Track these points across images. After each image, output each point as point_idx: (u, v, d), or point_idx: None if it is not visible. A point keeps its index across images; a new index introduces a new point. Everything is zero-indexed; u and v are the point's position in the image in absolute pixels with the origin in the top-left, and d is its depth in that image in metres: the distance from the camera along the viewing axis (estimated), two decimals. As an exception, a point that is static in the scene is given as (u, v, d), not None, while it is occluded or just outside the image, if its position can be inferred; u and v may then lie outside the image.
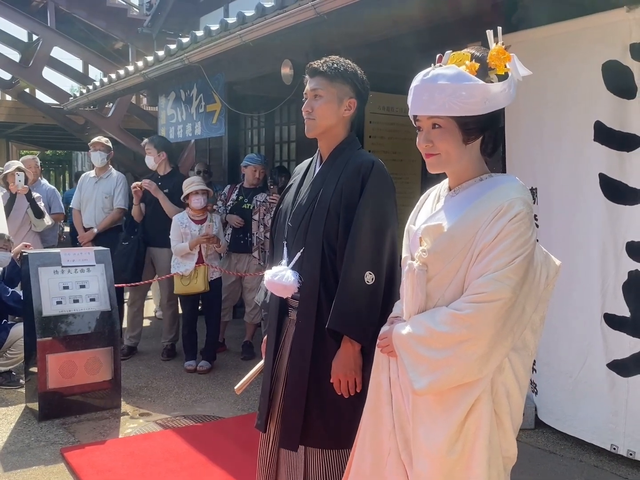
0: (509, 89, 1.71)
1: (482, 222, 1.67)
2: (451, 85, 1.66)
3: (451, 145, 1.73)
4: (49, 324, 4.12)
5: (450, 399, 1.71)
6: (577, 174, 3.62)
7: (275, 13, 4.34)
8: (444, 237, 1.73)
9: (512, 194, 1.69)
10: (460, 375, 1.68)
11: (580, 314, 3.62)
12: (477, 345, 1.65)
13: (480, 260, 1.66)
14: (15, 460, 3.52)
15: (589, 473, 3.41)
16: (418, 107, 1.74)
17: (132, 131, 10.79)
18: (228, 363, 5.45)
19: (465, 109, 1.67)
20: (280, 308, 2.39)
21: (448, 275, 1.73)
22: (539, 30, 3.71)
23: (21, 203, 6.02)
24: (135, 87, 7.32)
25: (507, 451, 1.79)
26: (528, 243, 1.65)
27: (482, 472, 1.69)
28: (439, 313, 1.71)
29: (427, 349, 1.70)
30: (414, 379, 1.71)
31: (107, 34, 12.57)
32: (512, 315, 1.66)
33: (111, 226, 5.95)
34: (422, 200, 1.97)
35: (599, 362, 3.54)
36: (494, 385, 1.74)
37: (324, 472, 2.28)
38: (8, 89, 12.12)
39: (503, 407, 1.75)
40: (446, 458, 1.70)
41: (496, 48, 1.72)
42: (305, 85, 2.33)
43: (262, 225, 5.44)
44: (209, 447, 3.67)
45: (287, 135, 7.87)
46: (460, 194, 1.79)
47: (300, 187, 2.42)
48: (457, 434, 1.70)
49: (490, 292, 1.62)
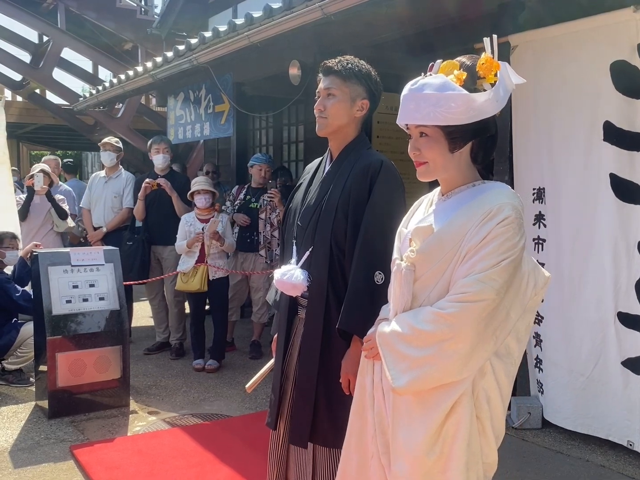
0: (495, 98, 1.71)
1: (471, 224, 1.68)
2: (435, 94, 1.68)
3: (437, 154, 1.75)
4: (59, 322, 4.16)
5: (430, 400, 1.71)
6: (587, 174, 3.62)
7: (283, 14, 4.37)
8: (432, 239, 1.74)
9: (502, 199, 1.70)
10: (440, 374, 1.68)
11: (593, 313, 3.63)
12: (458, 345, 1.65)
13: (467, 261, 1.67)
14: (25, 457, 3.56)
15: (596, 473, 3.41)
16: (405, 116, 1.77)
17: (142, 132, 10.85)
18: (236, 362, 5.48)
19: (449, 118, 1.68)
20: (290, 307, 2.41)
21: (434, 276, 1.74)
22: (545, 30, 3.72)
23: (42, 204, 6.11)
24: (144, 87, 7.37)
25: (488, 457, 1.78)
26: (515, 248, 1.65)
27: (459, 475, 1.69)
28: (422, 312, 1.72)
29: (408, 347, 1.71)
30: (394, 377, 1.71)
31: (116, 35, 12.64)
32: (495, 318, 1.66)
33: (120, 225, 6.01)
34: (415, 206, 1.99)
35: (613, 360, 3.55)
36: (474, 390, 1.73)
37: (332, 470, 2.29)
38: (19, 89, 12.20)
39: (484, 412, 1.75)
40: (424, 459, 1.71)
41: (484, 57, 1.72)
42: (318, 83, 2.34)
43: (269, 224, 5.47)
44: (217, 445, 3.70)
45: (295, 135, 7.89)
46: (451, 199, 1.81)
47: (310, 186, 2.43)
48: (436, 436, 1.71)
49: (474, 292, 1.63)
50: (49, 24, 11.26)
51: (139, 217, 5.77)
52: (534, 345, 3.98)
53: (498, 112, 1.74)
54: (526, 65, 3.80)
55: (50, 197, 6.09)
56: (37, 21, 11.19)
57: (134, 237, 5.73)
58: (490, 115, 1.73)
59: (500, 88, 1.72)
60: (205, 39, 5.42)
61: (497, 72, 1.72)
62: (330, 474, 2.30)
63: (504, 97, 1.73)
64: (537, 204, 3.90)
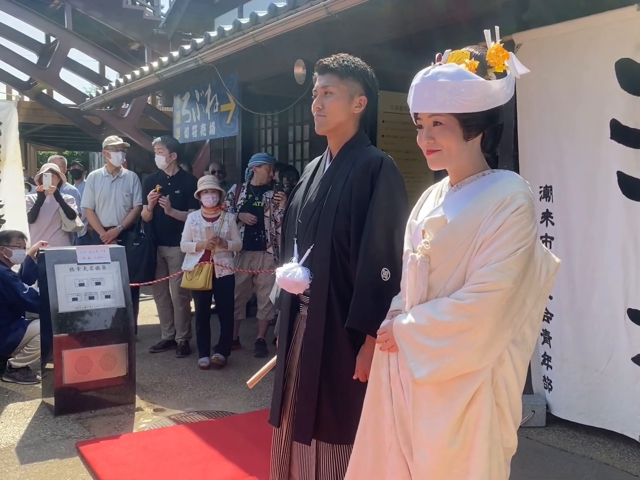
0: (507, 87, 1.73)
1: (484, 214, 1.69)
2: (451, 82, 1.68)
3: (452, 142, 1.75)
4: (65, 320, 4.19)
5: (451, 390, 1.73)
6: (594, 172, 3.62)
7: (288, 13, 4.39)
8: (446, 230, 1.75)
9: (515, 187, 1.71)
10: (460, 364, 1.69)
11: (604, 310, 3.64)
12: (477, 335, 1.66)
13: (482, 251, 1.68)
14: (31, 453, 3.59)
15: (600, 470, 3.41)
16: (419, 105, 1.76)
17: (148, 131, 10.88)
18: (241, 360, 5.50)
19: (466, 105, 1.69)
20: (292, 305, 2.42)
21: (450, 267, 1.75)
22: (550, 28, 3.72)
23: (51, 203, 6.16)
24: (150, 87, 7.40)
25: (508, 442, 1.81)
26: (529, 236, 1.67)
27: (482, 462, 1.71)
28: (440, 303, 1.73)
29: (427, 338, 1.72)
30: (414, 369, 1.73)
31: (123, 35, 12.69)
32: (513, 307, 1.68)
33: (134, 222, 6.04)
34: (424, 197, 2.00)
35: (624, 356, 3.57)
36: (494, 377, 1.75)
37: (336, 466, 2.30)
38: (26, 90, 12.26)
39: (503, 399, 1.77)
40: (447, 449, 1.72)
41: (495, 46, 1.73)
42: (315, 82, 2.35)
43: (274, 222, 5.49)
44: (222, 442, 3.71)
45: (300, 134, 7.91)
46: (462, 189, 1.82)
47: (310, 185, 2.44)
48: (458, 425, 1.72)
49: (492, 282, 1.64)
50: (55, 24, 11.32)
51: (146, 220, 5.82)
52: (542, 343, 3.99)
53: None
54: (531, 64, 3.74)
55: (58, 197, 6.12)
56: (44, 21, 11.25)
57: (140, 238, 5.77)
58: (503, 103, 1.75)
59: (511, 77, 1.73)
60: (210, 39, 5.44)
61: (506, 61, 1.73)
62: (334, 470, 2.30)
63: (512, 86, 1.75)
64: (545, 202, 3.90)
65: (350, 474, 2.02)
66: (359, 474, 1.97)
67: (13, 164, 5.95)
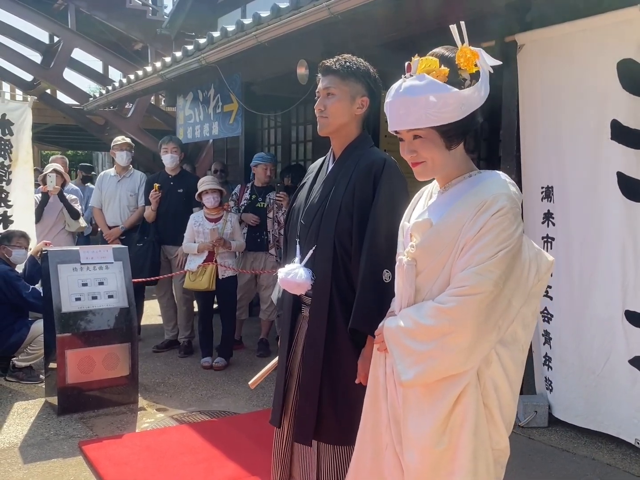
0: (481, 90, 1.71)
1: (467, 216, 1.69)
2: (424, 97, 1.67)
3: (435, 153, 1.75)
4: (68, 320, 4.20)
5: (437, 391, 1.74)
6: (594, 172, 3.62)
7: (290, 13, 4.39)
8: (431, 232, 1.76)
9: (497, 189, 1.71)
10: (444, 367, 1.70)
11: (602, 311, 3.63)
12: (460, 338, 1.67)
13: (464, 254, 1.69)
14: (34, 452, 3.60)
15: (602, 471, 3.41)
16: (396, 123, 1.76)
17: (151, 131, 10.91)
18: (244, 360, 5.50)
19: (443, 118, 1.68)
20: (293, 305, 2.42)
21: (436, 269, 1.76)
22: (552, 29, 3.72)
23: (55, 203, 6.18)
24: (153, 87, 7.41)
25: (498, 443, 1.80)
26: (511, 238, 1.66)
27: (467, 463, 1.71)
28: (424, 306, 1.75)
29: (414, 341, 1.73)
30: (402, 371, 1.74)
31: (126, 35, 12.70)
32: (496, 309, 1.67)
33: (137, 223, 6.06)
34: (416, 198, 2.00)
35: (621, 358, 3.56)
36: (481, 379, 1.75)
37: (337, 467, 2.30)
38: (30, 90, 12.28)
39: (492, 400, 1.76)
40: (433, 449, 1.73)
41: (463, 49, 1.72)
42: (317, 83, 2.35)
43: (277, 223, 5.50)
44: (224, 442, 3.72)
45: (303, 134, 7.91)
46: (449, 191, 1.82)
47: (313, 185, 2.44)
48: (444, 426, 1.73)
49: (471, 285, 1.64)
50: (59, 24, 11.34)
51: (149, 221, 5.83)
52: (543, 343, 3.98)
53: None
54: (533, 64, 3.80)
55: (62, 197, 6.14)
56: (47, 22, 11.27)
57: (144, 239, 5.78)
58: (478, 106, 1.73)
59: (483, 78, 1.72)
60: (213, 39, 5.45)
61: (477, 61, 1.71)
62: (334, 471, 2.31)
63: (487, 84, 1.74)
64: (546, 202, 3.90)
65: (351, 473, 2.03)
66: (359, 473, 1.98)
67: (24, 164, 5.99)
